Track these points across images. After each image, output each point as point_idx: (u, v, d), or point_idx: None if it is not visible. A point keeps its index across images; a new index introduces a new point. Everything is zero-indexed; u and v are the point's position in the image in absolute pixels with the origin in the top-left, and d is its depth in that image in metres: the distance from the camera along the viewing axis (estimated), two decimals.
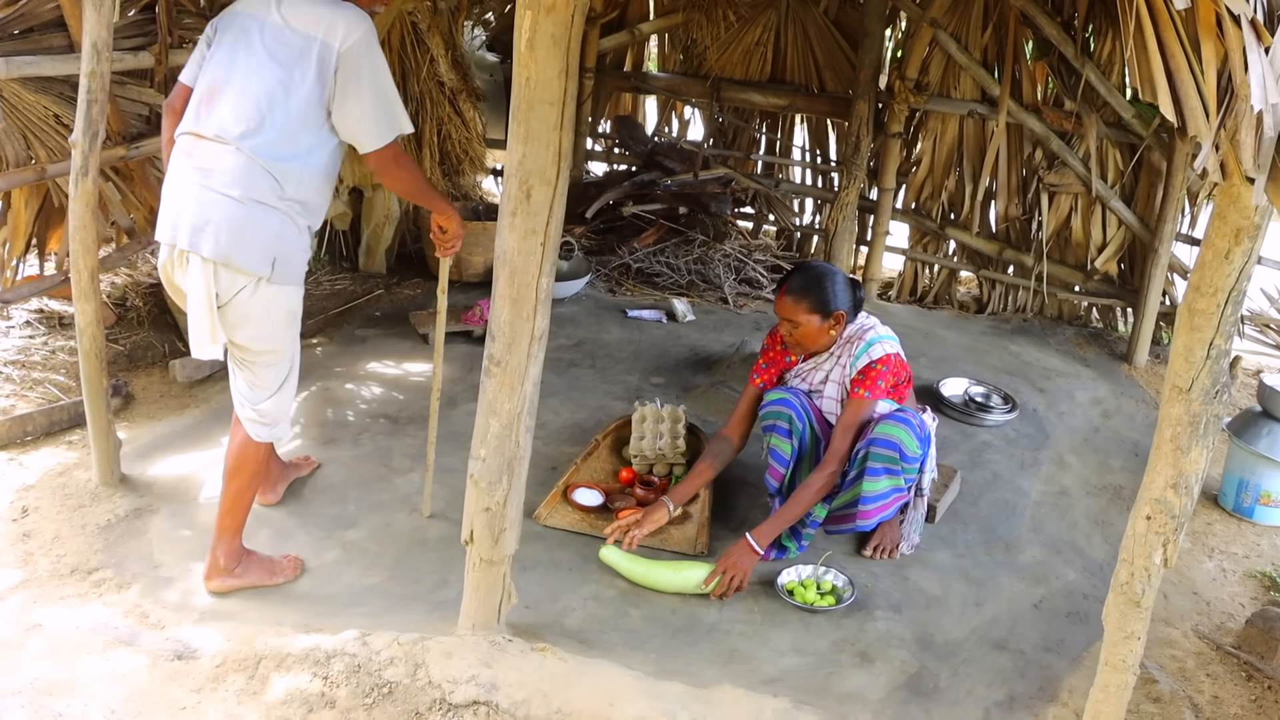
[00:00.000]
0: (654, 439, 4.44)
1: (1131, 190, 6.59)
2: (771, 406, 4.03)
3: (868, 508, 3.86)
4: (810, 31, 7.24)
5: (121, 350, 5.23)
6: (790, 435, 3.97)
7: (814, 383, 4.10)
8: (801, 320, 3.93)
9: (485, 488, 3.05)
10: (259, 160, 3.24)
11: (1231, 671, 3.64)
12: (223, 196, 3.22)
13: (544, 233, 2.83)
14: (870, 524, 3.91)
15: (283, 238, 3.34)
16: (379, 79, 3.36)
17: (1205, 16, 2.02)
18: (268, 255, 3.29)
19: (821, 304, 3.92)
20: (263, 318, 3.39)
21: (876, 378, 3.91)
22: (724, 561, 3.74)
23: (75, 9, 4.49)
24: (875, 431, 3.84)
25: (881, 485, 3.84)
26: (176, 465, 4.31)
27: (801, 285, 3.95)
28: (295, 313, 3.53)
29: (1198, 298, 2.41)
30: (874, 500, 3.86)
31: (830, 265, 4.15)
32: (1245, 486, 4.75)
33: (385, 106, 3.39)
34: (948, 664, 3.47)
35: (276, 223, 3.31)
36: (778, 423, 4.00)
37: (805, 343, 4.01)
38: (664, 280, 7.11)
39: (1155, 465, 2.59)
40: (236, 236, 3.23)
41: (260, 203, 3.26)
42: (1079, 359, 6.38)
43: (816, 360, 4.09)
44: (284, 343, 3.52)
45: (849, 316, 3.99)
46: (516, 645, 3.17)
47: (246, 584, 3.60)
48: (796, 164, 7.87)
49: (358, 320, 6.08)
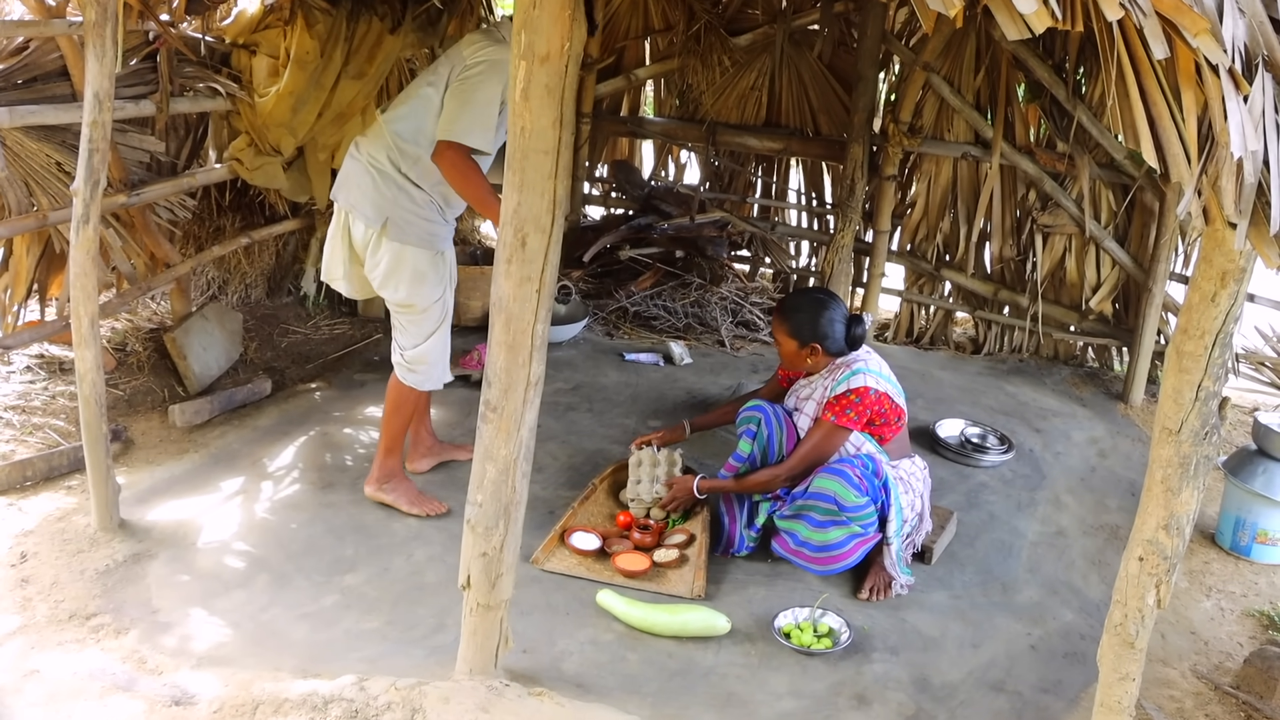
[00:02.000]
0: (650, 483, 4.45)
1: (1125, 230, 6.63)
2: (747, 412, 4.29)
3: (825, 555, 4.00)
4: (805, 76, 7.30)
5: (121, 395, 5.24)
6: (754, 438, 4.20)
7: (800, 398, 4.28)
8: (781, 339, 4.23)
9: (482, 533, 3.06)
10: (395, 141, 4.08)
11: (1230, 711, 3.63)
12: (357, 162, 4.14)
13: (539, 280, 2.86)
14: (834, 569, 4.02)
15: (399, 202, 4.09)
16: (475, 95, 3.94)
17: (1185, 66, 2.05)
18: (380, 213, 4.07)
19: (797, 331, 4.17)
20: (391, 270, 4.14)
21: (846, 406, 4.05)
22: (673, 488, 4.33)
23: (78, 59, 4.55)
24: (811, 484, 4.00)
25: (833, 535, 3.96)
26: (175, 510, 4.32)
27: (792, 306, 4.24)
28: (423, 274, 4.17)
29: (1185, 340, 2.44)
30: (829, 549, 3.98)
31: (830, 298, 4.26)
32: (1242, 525, 4.75)
33: (466, 113, 3.92)
34: (945, 706, 3.47)
35: (394, 190, 4.09)
36: (748, 425, 4.23)
37: (785, 360, 4.32)
38: (661, 323, 7.13)
39: (1147, 507, 2.61)
40: (360, 193, 4.11)
41: (382, 171, 4.08)
42: (1075, 399, 6.40)
43: (811, 379, 4.28)
44: (415, 299, 4.20)
45: (831, 348, 4.15)
46: (514, 690, 3.17)
47: (389, 500, 4.43)
48: (792, 207, 7.89)
49: (356, 365, 6.10)
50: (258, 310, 6.69)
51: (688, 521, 4.38)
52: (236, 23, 5.66)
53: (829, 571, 4.04)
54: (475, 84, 3.94)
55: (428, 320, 4.26)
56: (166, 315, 6.13)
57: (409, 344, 4.29)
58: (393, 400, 4.40)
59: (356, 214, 4.11)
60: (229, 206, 6.25)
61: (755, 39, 7.31)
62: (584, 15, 2.67)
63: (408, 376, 4.34)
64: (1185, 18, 1.97)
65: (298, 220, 6.57)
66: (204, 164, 5.96)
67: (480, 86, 3.94)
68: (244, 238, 6.20)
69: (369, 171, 4.10)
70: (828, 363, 4.20)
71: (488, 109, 3.93)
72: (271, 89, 5.57)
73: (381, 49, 5.71)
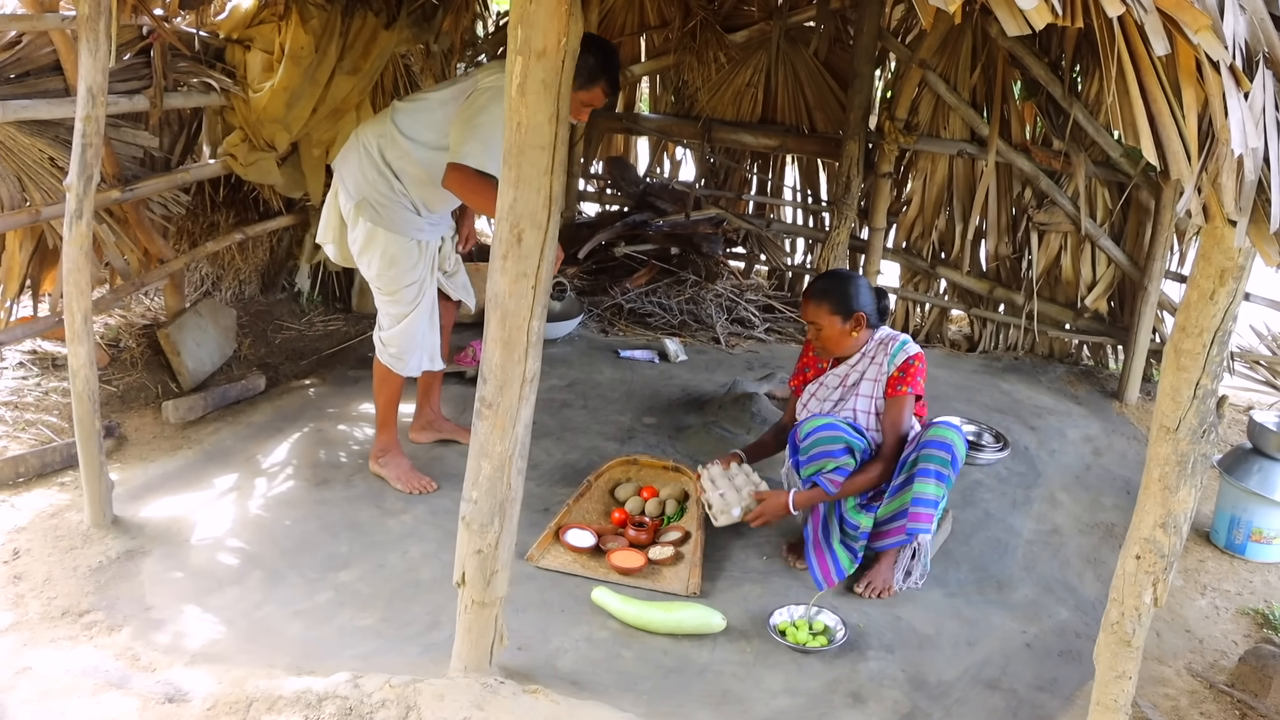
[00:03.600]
0: (736, 492, 4.19)
1: (1120, 228, 6.63)
2: (821, 433, 3.98)
3: (919, 509, 3.89)
4: (800, 73, 7.30)
5: (115, 391, 5.23)
6: (851, 453, 3.97)
7: (847, 386, 4.16)
8: (823, 322, 4.09)
9: (477, 530, 3.05)
10: (392, 128, 4.27)
11: (1225, 709, 3.63)
12: (356, 139, 4.37)
13: (535, 276, 2.85)
14: (925, 528, 3.89)
15: (376, 186, 4.27)
16: (479, 118, 4.04)
17: (1185, 62, 2.05)
18: (359, 191, 4.29)
19: (842, 305, 4.06)
20: (364, 246, 4.34)
21: (916, 374, 4.00)
22: (763, 503, 4.06)
23: (71, 54, 4.53)
24: (928, 434, 3.91)
25: (931, 489, 3.89)
26: (169, 507, 4.30)
27: (823, 288, 4.12)
28: (395, 258, 4.33)
29: (1184, 338, 2.43)
30: (925, 504, 3.89)
31: (854, 273, 4.27)
32: (1237, 523, 4.75)
33: (472, 136, 4.02)
34: (940, 704, 3.46)
35: (374, 173, 4.28)
36: (830, 448, 3.95)
37: (829, 345, 4.14)
38: (656, 320, 7.13)
39: (1144, 505, 2.60)
40: (347, 169, 4.35)
41: (369, 153, 4.28)
42: (1070, 397, 6.40)
43: (850, 364, 4.18)
44: (385, 281, 4.39)
45: (871, 320, 4.09)
46: (509, 687, 3.16)
47: (384, 475, 4.62)
48: (788, 204, 7.90)
49: (350, 361, 6.09)
50: (252, 306, 6.68)
51: (682, 518, 4.37)
52: (231, 18, 5.65)
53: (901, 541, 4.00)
54: (479, 108, 4.06)
55: (399, 303, 4.43)
56: (160, 311, 6.11)
57: (385, 325, 4.50)
58: (376, 377, 4.61)
59: (341, 186, 4.36)
60: (223, 202, 6.23)
61: (751, 35, 7.31)
62: (580, 11, 2.67)
63: (382, 354, 4.54)
64: (1186, 14, 1.96)
65: (292, 216, 6.55)
66: (198, 159, 5.95)
67: (484, 110, 4.03)
68: (238, 234, 6.18)
69: (358, 150, 4.33)
70: (867, 338, 4.14)
71: (491, 130, 3.94)
72: (266, 84, 5.56)
73: (376, 44, 5.70)
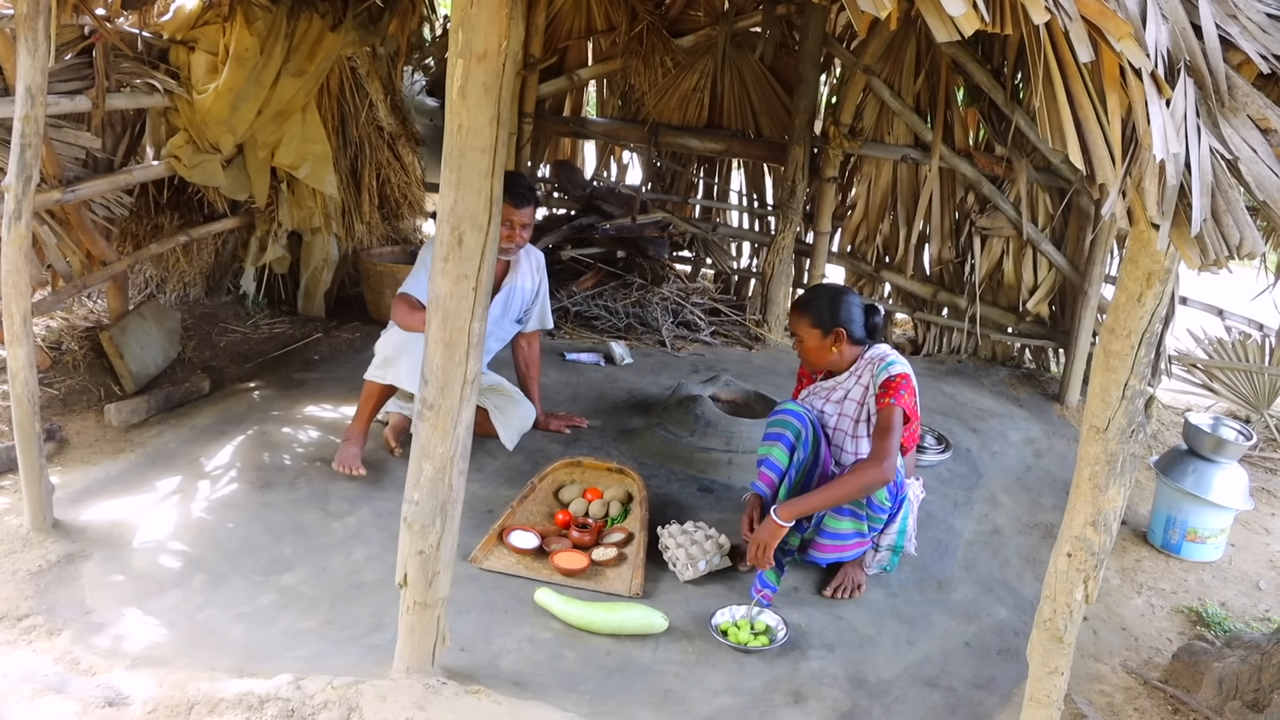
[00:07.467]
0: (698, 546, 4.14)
1: (1061, 233, 6.73)
2: (783, 415, 4.07)
3: (824, 542, 3.98)
4: (746, 78, 7.36)
5: (56, 394, 5.17)
6: (792, 450, 4.01)
7: (833, 401, 4.17)
8: (803, 334, 4.10)
9: (419, 531, 3.06)
10: None
11: (1158, 705, 3.70)
12: None
13: (476, 278, 2.86)
14: (823, 559, 4.01)
15: None
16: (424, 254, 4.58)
17: (1109, 69, 2.10)
18: None
19: (822, 319, 4.05)
20: None
21: (899, 388, 3.94)
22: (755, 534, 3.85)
23: (9, 52, 4.48)
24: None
25: (844, 526, 3.95)
26: (110, 510, 4.27)
27: (806, 300, 4.14)
28: None
29: (1112, 340, 2.48)
30: (832, 537, 3.97)
31: (845, 288, 4.26)
32: (1173, 523, 4.84)
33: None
34: (880, 702, 3.50)
35: None
36: (784, 432, 4.03)
37: (809, 357, 4.15)
38: (602, 323, 7.15)
39: (1075, 504, 2.65)
40: None
41: None
42: (1012, 399, 6.49)
43: (837, 380, 4.17)
44: None
45: (855, 336, 4.08)
46: (451, 688, 3.16)
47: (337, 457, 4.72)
48: (734, 208, 7.95)
49: (296, 364, 6.06)
50: (196, 309, 6.63)
51: (626, 520, 4.39)
52: (175, 18, 5.61)
53: (819, 559, 4.06)
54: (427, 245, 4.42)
55: None
56: (103, 314, 6.05)
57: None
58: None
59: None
60: (167, 204, 6.19)
61: (698, 40, 7.36)
62: (522, 14, 2.68)
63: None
64: (1109, 22, 2.01)
65: (237, 218, 6.52)
66: (141, 161, 5.90)
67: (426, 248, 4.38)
68: (182, 236, 6.14)
69: None
70: (853, 355, 4.12)
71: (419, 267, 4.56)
72: (210, 86, 5.53)
73: (322, 47, 5.69)
